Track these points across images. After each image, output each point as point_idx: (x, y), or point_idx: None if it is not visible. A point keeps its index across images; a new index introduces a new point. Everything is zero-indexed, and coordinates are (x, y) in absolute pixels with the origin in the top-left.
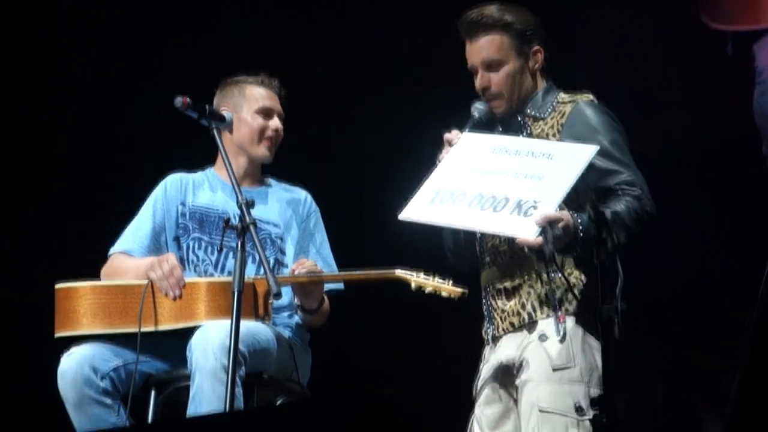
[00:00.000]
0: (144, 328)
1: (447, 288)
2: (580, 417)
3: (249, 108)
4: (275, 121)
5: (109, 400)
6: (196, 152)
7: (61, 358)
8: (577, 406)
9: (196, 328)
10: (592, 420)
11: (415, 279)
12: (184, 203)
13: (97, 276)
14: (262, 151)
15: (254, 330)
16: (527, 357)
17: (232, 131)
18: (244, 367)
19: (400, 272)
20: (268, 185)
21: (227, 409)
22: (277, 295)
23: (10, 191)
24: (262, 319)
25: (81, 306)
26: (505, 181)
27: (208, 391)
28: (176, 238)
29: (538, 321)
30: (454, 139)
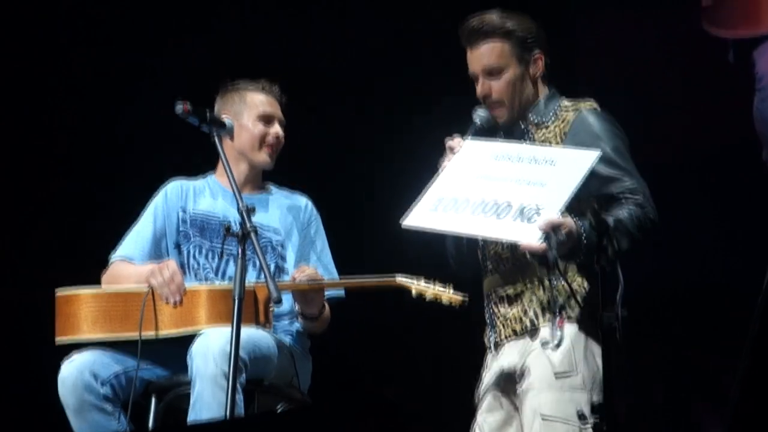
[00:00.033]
0: (144, 335)
1: (447, 295)
2: (583, 424)
3: (250, 114)
4: (276, 128)
5: (109, 407)
6: (197, 152)
7: (62, 365)
8: (580, 413)
9: (196, 334)
10: (594, 427)
11: (416, 286)
12: (184, 209)
13: (97, 277)
14: (263, 158)
15: (255, 337)
16: (529, 364)
17: (232, 138)
18: (244, 374)
19: (400, 279)
20: (269, 192)
21: (228, 415)
22: (278, 302)
23: (10, 191)
24: (263, 325)
25: (81, 312)
26: (508, 188)
27: (208, 398)
28: (177, 245)
29: (541, 328)
30: (457, 146)
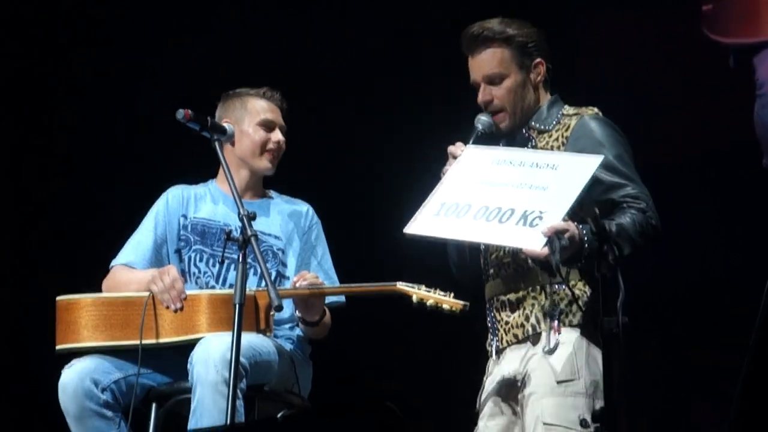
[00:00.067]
0: (145, 341)
1: (448, 301)
2: (585, 430)
3: (251, 121)
4: (277, 134)
5: (109, 413)
6: (197, 153)
7: (62, 371)
8: (582, 419)
9: (197, 340)
10: None
11: (417, 292)
12: (185, 216)
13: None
14: (264, 164)
15: (255, 343)
16: (531, 370)
17: (234, 144)
18: (245, 380)
19: (401, 286)
20: (270, 198)
21: (228, 422)
22: (279, 308)
23: (10, 191)
24: (264, 331)
25: (82, 318)
26: (511, 193)
27: (209, 404)
28: (178, 251)
29: (542, 333)
30: (459, 153)
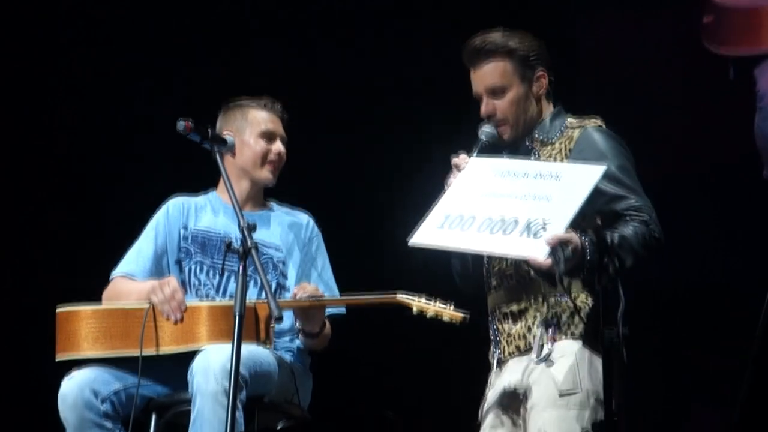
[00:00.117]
0: (145, 352)
1: (448, 312)
2: None
3: (252, 131)
4: (278, 145)
5: (109, 424)
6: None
7: (62, 382)
8: (585, 431)
9: (197, 351)
10: None
11: (417, 303)
12: (186, 226)
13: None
14: (265, 175)
15: (255, 354)
16: (533, 382)
17: (234, 155)
18: (245, 391)
19: (401, 297)
20: (271, 209)
21: None
22: (279, 319)
23: (10, 191)
24: (264, 343)
25: (82, 329)
26: (514, 204)
27: (209, 415)
28: (178, 262)
29: (544, 345)
30: (462, 164)
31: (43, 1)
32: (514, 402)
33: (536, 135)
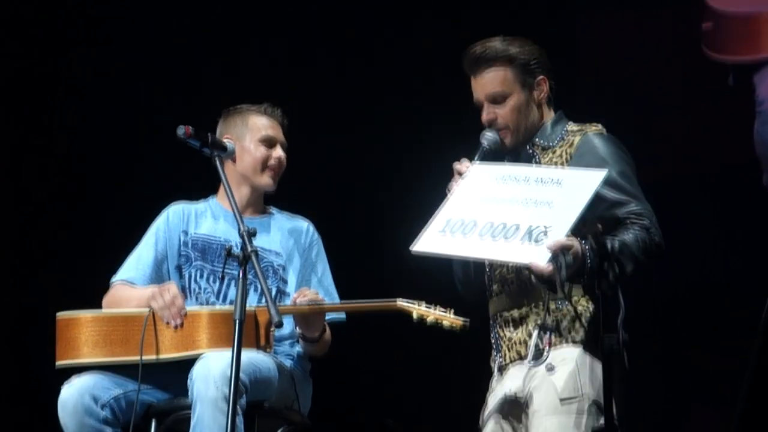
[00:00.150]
0: (145, 358)
1: (449, 318)
2: None
3: (252, 137)
4: (278, 151)
5: (109, 430)
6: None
7: (62, 388)
8: None
9: (197, 357)
10: None
11: (417, 309)
12: (186, 232)
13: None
14: (266, 180)
15: (255, 359)
16: (534, 388)
17: (235, 160)
18: (245, 397)
19: (401, 303)
20: (271, 215)
21: None
22: (279, 325)
23: (10, 191)
24: (264, 349)
25: (82, 335)
26: (516, 210)
27: (209, 421)
28: (178, 267)
29: (544, 350)
30: (464, 169)
31: (43, 1)
32: (515, 408)
33: (537, 141)
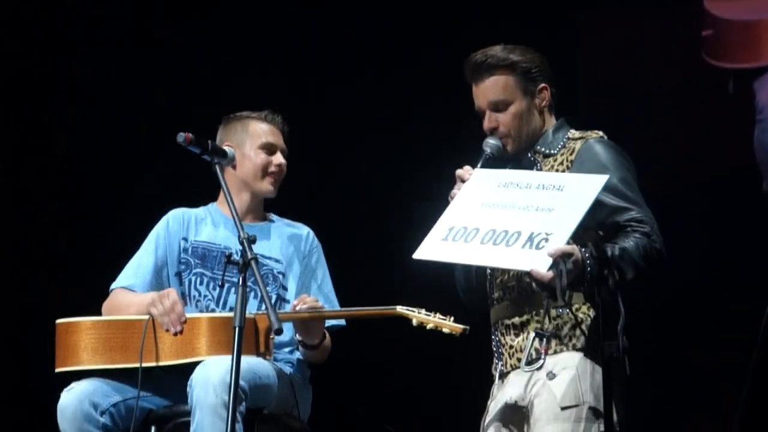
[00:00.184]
0: (145, 364)
1: (448, 325)
2: None
3: (252, 144)
4: (278, 157)
5: None
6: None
7: (61, 394)
8: None
9: (196, 363)
10: None
11: (417, 316)
12: (186, 238)
13: (98, 305)
14: (266, 187)
15: (255, 366)
16: (535, 395)
17: (235, 167)
18: (244, 403)
19: (401, 309)
20: (271, 221)
21: None
22: (278, 331)
23: (10, 191)
24: (263, 355)
25: (82, 341)
26: (517, 215)
27: (208, 428)
28: (178, 274)
29: (546, 357)
30: (466, 176)
31: (43, 1)
32: (515, 415)
33: (539, 148)
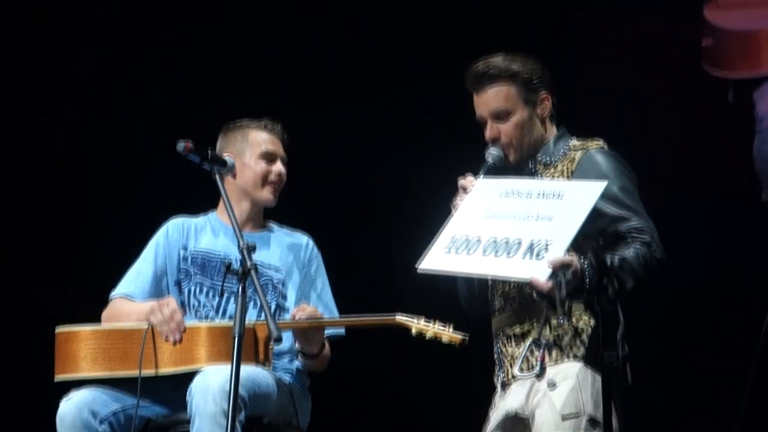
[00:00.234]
0: (144, 373)
1: (447, 334)
2: None
3: (252, 152)
4: (278, 166)
5: None
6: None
7: (60, 403)
8: None
9: (196, 372)
10: None
11: (416, 325)
12: (185, 247)
13: (98, 313)
14: (266, 195)
15: (254, 375)
16: (536, 405)
17: (235, 176)
18: (243, 412)
19: (400, 318)
20: (270, 230)
21: None
22: (278, 340)
23: (10, 191)
24: (263, 364)
25: (81, 350)
26: (518, 225)
27: None
28: (177, 283)
29: (547, 367)
30: (469, 185)
31: (43, 1)
32: (517, 425)
33: (539, 157)
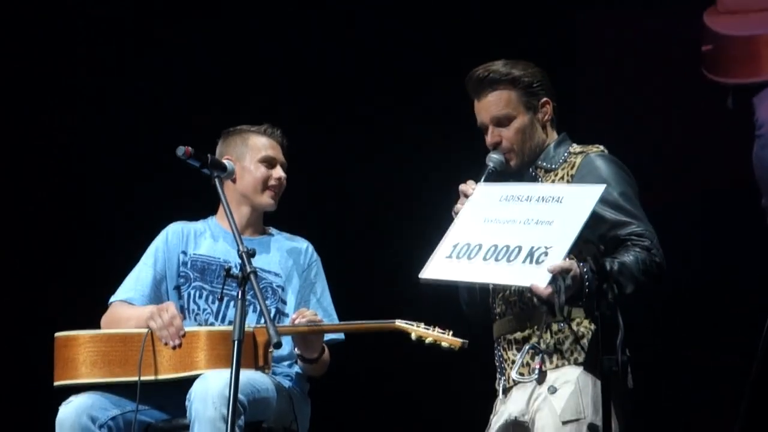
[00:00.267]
0: (144, 378)
1: (447, 339)
2: None
3: (252, 157)
4: (278, 171)
5: None
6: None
7: (60, 407)
8: None
9: (195, 377)
10: None
11: (416, 330)
12: (185, 252)
13: (97, 319)
14: (266, 200)
15: (254, 379)
16: (536, 410)
17: (235, 181)
18: (243, 417)
19: (400, 323)
20: (270, 235)
21: None
22: (277, 345)
23: (10, 191)
24: (262, 369)
25: (80, 355)
26: (518, 230)
27: None
28: (177, 287)
29: (548, 372)
30: (470, 191)
31: (43, 1)
32: (517, 430)
33: (540, 163)
